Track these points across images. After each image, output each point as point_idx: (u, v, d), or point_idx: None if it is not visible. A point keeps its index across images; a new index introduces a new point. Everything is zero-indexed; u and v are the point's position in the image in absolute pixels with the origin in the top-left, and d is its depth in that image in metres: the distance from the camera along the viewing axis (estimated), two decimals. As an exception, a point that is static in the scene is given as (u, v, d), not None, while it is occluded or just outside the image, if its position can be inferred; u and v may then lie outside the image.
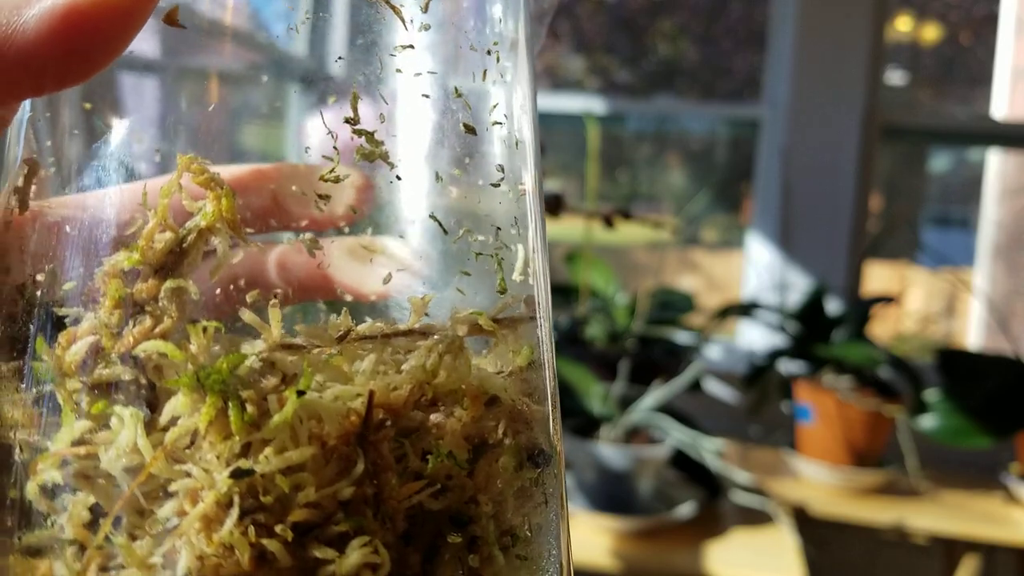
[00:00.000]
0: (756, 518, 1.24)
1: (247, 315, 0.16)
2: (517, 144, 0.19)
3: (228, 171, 0.18)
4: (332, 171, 0.17)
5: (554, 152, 2.05)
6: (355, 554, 0.15)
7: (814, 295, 1.56)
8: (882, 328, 1.85)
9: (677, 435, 1.20)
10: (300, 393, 0.15)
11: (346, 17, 0.17)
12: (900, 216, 2.13)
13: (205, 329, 0.15)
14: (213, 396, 0.15)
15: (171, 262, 0.15)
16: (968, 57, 2.36)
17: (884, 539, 1.40)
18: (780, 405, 1.55)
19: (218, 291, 0.18)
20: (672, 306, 1.55)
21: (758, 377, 1.51)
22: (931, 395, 1.45)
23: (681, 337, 1.51)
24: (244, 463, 0.14)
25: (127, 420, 0.15)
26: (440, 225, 0.18)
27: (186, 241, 0.16)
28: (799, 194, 1.75)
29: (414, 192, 0.18)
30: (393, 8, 0.17)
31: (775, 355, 1.52)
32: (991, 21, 2.22)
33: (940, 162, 2.45)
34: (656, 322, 1.50)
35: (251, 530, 0.14)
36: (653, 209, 2.32)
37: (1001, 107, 2.16)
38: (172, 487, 0.14)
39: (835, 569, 1.52)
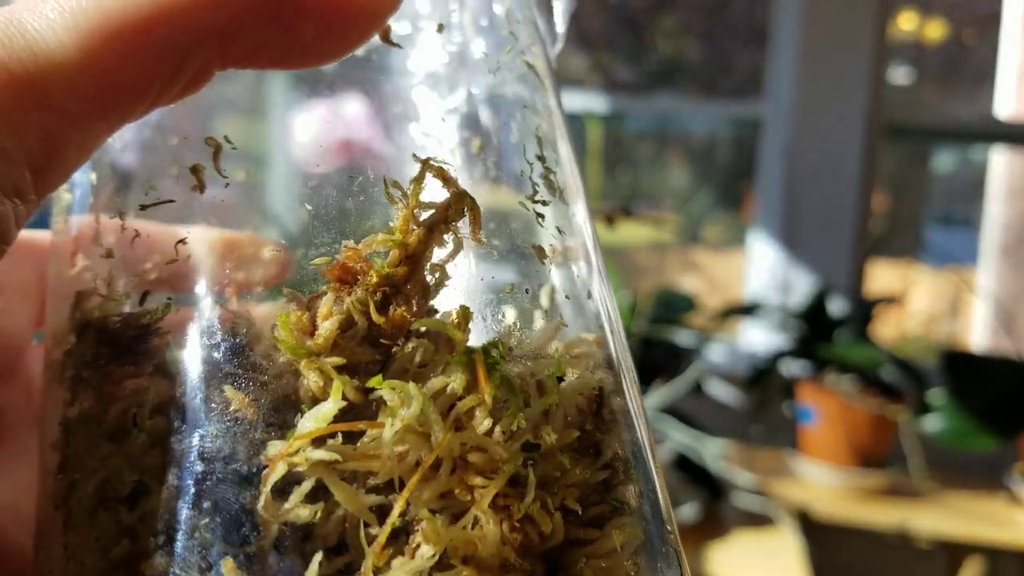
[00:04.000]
0: (759, 520, 1.23)
1: (437, 320, 0.16)
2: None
3: (202, 233, 0.17)
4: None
5: (555, 151, 2.04)
6: (617, 533, 0.15)
7: (817, 295, 1.55)
8: (886, 329, 1.84)
9: (679, 437, 1.19)
10: (559, 379, 0.16)
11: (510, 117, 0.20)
12: (904, 216, 2.12)
13: (467, 311, 0.16)
14: (496, 374, 0.15)
15: (419, 250, 0.16)
16: (972, 55, 2.35)
17: (888, 541, 1.39)
18: (783, 406, 1.54)
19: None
20: (673, 306, 1.54)
21: (760, 378, 1.51)
22: (935, 396, 1.44)
23: (683, 338, 1.50)
24: (532, 437, 0.15)
25: (414, 393, 0.14)
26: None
27: (432, 232, 0.16)
28: (802, 193, 1.74)
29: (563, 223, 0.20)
30: (539, 77, 0.20)
31: (778, 356, 1.51)
32: (996, 19, 2.21)
33: (944, 161, 2.44)
34: (657, 322, 1.49)
35: (550, 502, 0.15)
36: (654, 208, 2.31)
37: (1005, 106, 2.15)
38: (471, 458, 0.15)
39: (838, 572, 1.51)
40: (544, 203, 0.19)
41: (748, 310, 1.61)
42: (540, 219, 0.18)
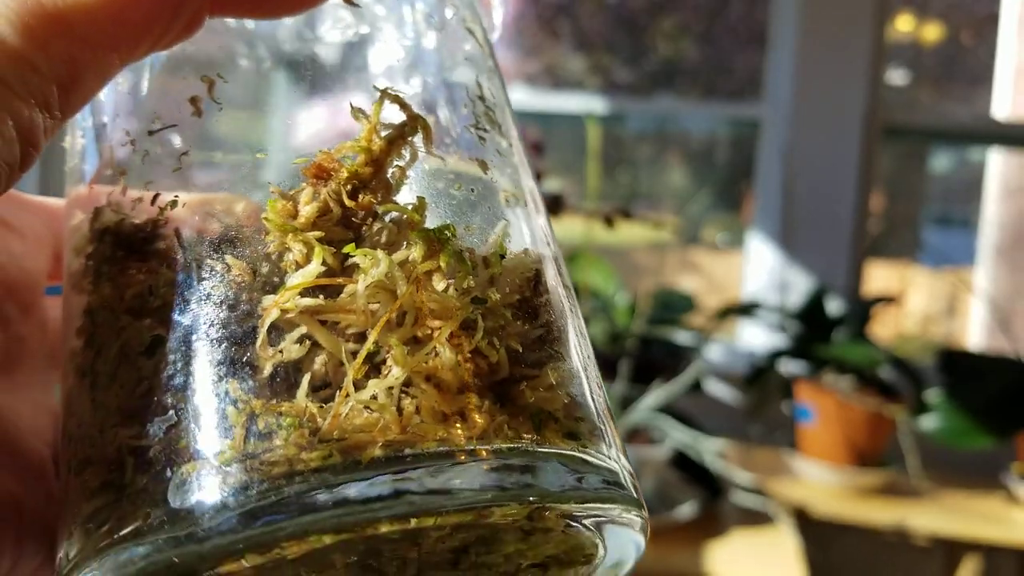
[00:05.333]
0: (757, 519, 1.24)
1: (399, 205, 0.19)
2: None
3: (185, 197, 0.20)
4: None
5: (554, 151, 2.05)
6: (554, 372, 0.19)
7: (815, 295, 1.56)
8: (883, 328, 1.84)
9: (678, 436, 1.20)
10: (502, 257, 0.19)
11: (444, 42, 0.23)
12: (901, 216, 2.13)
13: (424, 200, 0.19)
14: (448, 246, 0.18)
15: (381, 157, 0.19)
16: (969, 57, 2.36)
17: (885, 540, 1.40)
18: (781, 405, 1.54)
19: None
20: (672, 306, 1.55)
21: (759, 377, 1.51)
22: (932, 395, 1.44)
23: (682, 337, 1.51)
24: (480, 294, 0.18)
25: (382, 257, 0.18)
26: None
27: (393, 143, 0.20)
28: (800, 194, 1.75)
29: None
30: (479, 44, 0.23)
31: (776, 355, 1.52)
32: (992, 21, 2.21)
33: (941, 162, 2.45)
34: (656, 322, 1.49)
35: (496, 340, 0.18)
36: (653, 209, 2.31)
37: (1002, 107, 2.16)
38: (430, 305, 0.18)
39: (836, 570, 1.51)
40: (485, 130, 0.22)
41: (746, 310, 1.61)
42: (481, 141, 0.22)
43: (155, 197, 0.20)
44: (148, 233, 0.20)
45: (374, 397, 0.17)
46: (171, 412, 0.17)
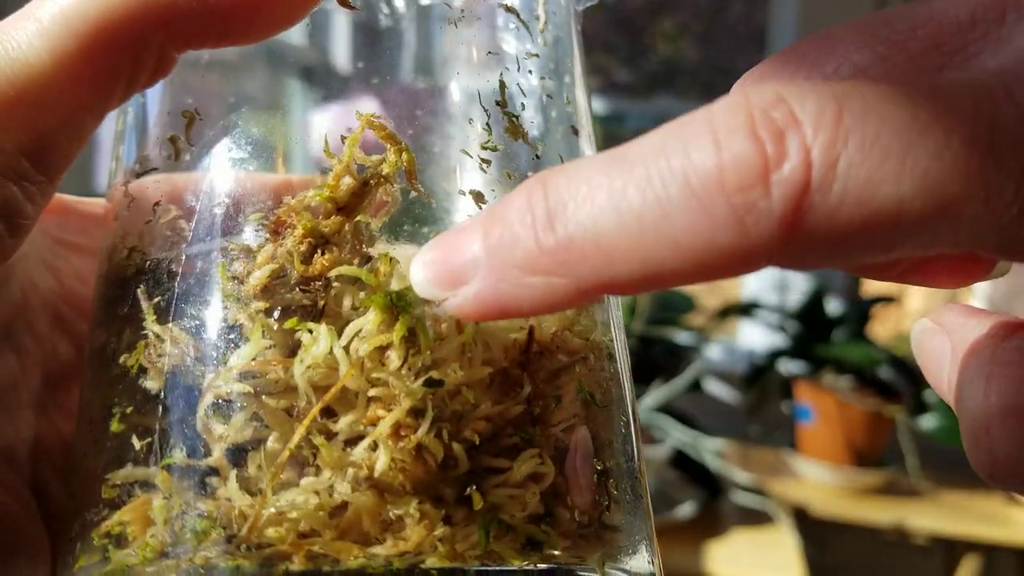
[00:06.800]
0: (756, 518, 1.24)
1: (355, 268, 0.17)
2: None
3: (260, 178, 0.19)
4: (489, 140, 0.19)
5: (554, 152, 2.05)
6: (525, 464, 0.16)
7: (814, 295, 1.56)
8: (882, 328, 1.84)
9: (677, 435, 1.20)
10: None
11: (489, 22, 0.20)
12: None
13: (391, 259, 0.17)
14: (405, 316, 0.16)
15: (352, 202, 0.17)
16: (968, 57, 2.36)
17: (884, 539, 1.40)
18: (780, 405, 1.55)
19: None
20: (672, 306, 1.55)
21: (758, 377, 1.51)
22: (931, 395, 1.44)
23: (681, 337, 1.51)
24: (435, 374, 0.16)
25: (323, 334, 0.16)
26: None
27: (368, 184, 0.17)
28: (799, 194, 1.75)
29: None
30: (523, 23, 0.20)
31: (775, 355, 1.52)
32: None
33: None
34: (656, 322, 1.50)
35: (444, 433, 0.16)
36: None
37: (1001, 107, 2.16)
38: (371, 392, 0.16)
39: (835, 569, 1.52)
40: (493, 150, 0.19)
41: (746, 310, 1.61)
42: (485, 165, 0.19)
43: (129, 252, 0.18)
44: (125, 280, 0.18)
45: (316, 494, 0.15)
46: (117, 493, 0.16)
